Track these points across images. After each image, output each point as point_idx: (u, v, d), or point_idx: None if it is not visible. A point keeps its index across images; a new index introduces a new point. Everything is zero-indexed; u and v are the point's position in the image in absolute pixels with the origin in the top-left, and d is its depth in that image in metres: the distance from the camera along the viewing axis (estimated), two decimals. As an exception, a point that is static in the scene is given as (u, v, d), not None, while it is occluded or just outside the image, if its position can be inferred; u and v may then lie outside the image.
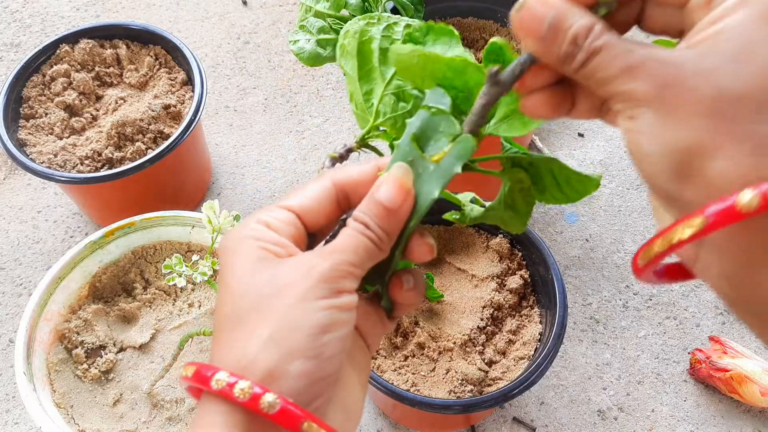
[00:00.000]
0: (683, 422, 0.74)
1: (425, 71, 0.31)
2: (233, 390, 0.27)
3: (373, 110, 0.35)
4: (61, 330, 0.67)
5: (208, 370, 0.28)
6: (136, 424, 0.64)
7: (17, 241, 0.88)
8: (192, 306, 0.71)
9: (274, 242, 0.30)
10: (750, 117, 0.24)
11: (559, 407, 0.76)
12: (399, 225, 0.31)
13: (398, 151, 0.31)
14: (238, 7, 1.13)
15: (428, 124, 0.31)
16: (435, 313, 0.68)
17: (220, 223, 0.59)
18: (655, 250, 0.27)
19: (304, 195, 0.31)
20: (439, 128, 0.31)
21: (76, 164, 0.79)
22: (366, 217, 0.30)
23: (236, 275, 0.29)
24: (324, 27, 0.78)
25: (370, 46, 0.35)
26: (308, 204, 0.31)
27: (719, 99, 0.24)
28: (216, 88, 1.03)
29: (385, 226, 0.30)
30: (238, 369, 0.27)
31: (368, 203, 0.30)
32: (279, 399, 0.27)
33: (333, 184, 0.31)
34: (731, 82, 0.24)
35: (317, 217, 0.31)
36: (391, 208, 0.30)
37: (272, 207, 0.31)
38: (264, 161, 0.95)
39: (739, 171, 0.24)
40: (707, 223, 0.24)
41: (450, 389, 0.62)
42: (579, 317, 0.82)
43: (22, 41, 1.09)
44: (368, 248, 0.30)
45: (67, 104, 0.83)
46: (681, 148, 0.25)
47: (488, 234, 0.72)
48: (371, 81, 0.35)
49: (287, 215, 0.30)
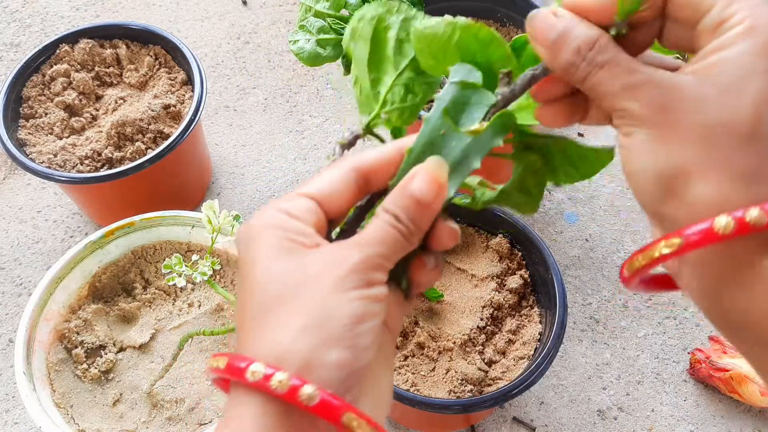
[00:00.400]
0: (683, 422, 0.74)
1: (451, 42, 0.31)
2: (270, 382, 0.26)
3: (380, 98, 0.35)
4: (61, 330, 0.67)
5: (242, 361, 0.27)
6: (136, 424, 0.64)
7: (17, 241, 0.88)
8: (192, 306, 0.71)
9: (298, 232, 0.29)
10: (735, 147, 0.26)
11: (559, 407, 0.76)
12: (430, 219, 0.30)
13: (428, 125, 0.31)
14: (238, 7, 1.13)
15: (458, 98, 0.31)
16: (435, 313, 0.68)
17: (219, 223, 0.59)
18: (637, 264, 0.28)
19: (325, 181, 0.30)
20: (470, 101, 0.31)
21: (75, 164, 0.79)
22: (397, 209, 0.29)
23: (262, 265, 0.28)
24: (324, 27, 0.78)
25: (386, 34, 0.34)
26: (329, 191, 0.30)
27: (709, 127, 0.26)
28: (216, 88, 1.03)
29: (416, 220, 0.30)
30: (273, 359, 0.27)
31: (400, 195, 0.30)
32: (318, 390, 0.26)
33: (353, 169, 0.31)
34: (722, 113, 0.26)
35: (338, 203, 0.30)
36: (424, 201, 0.29)
37: (292, 195, 0.30)
38: (264, 161, 0.95)
39: (719, 196, 0.26)
40: (684, 243, 0.26)
41: (450, 389, 0.62)
42: (579, 317, 0.82)
43: (22, 41, 1.09)
44: (399, 241, 0.29)
45: (67, 104, 0.83)
46: (668, 169, 0.27)
47: (488, 234, 0.72)
48: (381, 69, 0.35)
49: (308, 203, 0.30)
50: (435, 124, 0.31)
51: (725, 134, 0.26)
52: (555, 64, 0.29)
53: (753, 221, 0.25)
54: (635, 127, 0.27)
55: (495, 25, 0.89)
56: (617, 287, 0.84)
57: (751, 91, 0.26)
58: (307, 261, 0.28)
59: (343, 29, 0.78)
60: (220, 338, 0.68)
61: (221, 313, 0.70)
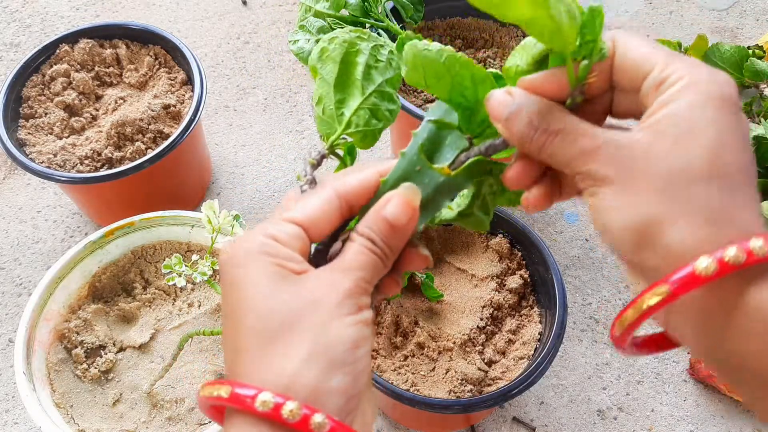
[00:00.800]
0: (683, 422, 0.74)
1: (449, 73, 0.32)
2: (281, 411, 0.26)
3: (344, 120, 0.36)
4: (60, 330, 0.67)
5: (248, 389, 0.27)
6: (136, 424, 0.64)
7: (17, 241, 0.88)
8: (192, 306, 0.71)
9: (287, 258, 0.29)
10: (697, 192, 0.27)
11: (559, 407, 0.76)
12: (403, 242, 0.32)
13: (404, 159, 0.32)
14: (238, 7, 1.13)
15: (434, 137, 0.33)
16: (435, 313, 0.68)
17: (219, 223, 0.59)
18: (629, 319, 0.29)
19: (310, 207, 0.31)
20: (445, 141, 0.33)
21: (75, 164, 0.79)
22: (372, 232, 0.31)
23: (257, 291, 0.29)
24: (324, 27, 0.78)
25: (356, 58, 0.36)
26: (314, 216, 0.31)
27: (669, 177, 0.27)
28: (216, 88, 1.03)
29: (390, 243, 0.31)
30: (280, 388, 0.27)
31: (375, 219, 0.31)
32: (327, 419, 0.26)
33: (336, 195, 0.31)
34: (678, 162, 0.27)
35: (323, 229, 0.31)
36: (398, 225, 0.31)
37: (277, 219, 0.31)
38: (264, 161, 0.95)
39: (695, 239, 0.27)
40: (671, 290, 0.27)
41: (450, 389, 0.62)
42: (579, 317, 0.82)
43: (22, 41, 1.09)
44: (377, 265, 0.30)
45: (67, 104, 0.83)
46: (639, 221, 0.28)
47: (488, 234, 0.72)
48: (348, 91, 0.36)
49: (295, 229, 0.30)
50: (411, 159, 0.32)
51: (684, 182, 0.27)
52: (512, 138, 0.30)
53: (732, 260, 0.26)
54: (599, 187, 0.29)
55: (495, 25, 0.89)
56: (617, 287, 0.84)
57: (703, 137, 0.27)
58: (303, 288, 0.29)
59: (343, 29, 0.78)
60: (219, 338, 0.68)
61: (221, 313, 0.70)
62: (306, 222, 0.31)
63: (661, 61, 0.28)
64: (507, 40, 0.88)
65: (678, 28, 1.09)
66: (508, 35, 0.88)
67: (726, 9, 1.12)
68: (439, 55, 0.32)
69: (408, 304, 0.68)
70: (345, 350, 0.28)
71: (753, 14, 1.11)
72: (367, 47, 0.36)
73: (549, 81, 0.30)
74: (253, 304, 0.29)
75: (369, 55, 0.35)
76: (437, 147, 0.33)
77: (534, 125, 0.30)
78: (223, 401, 0.28)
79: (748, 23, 1.10)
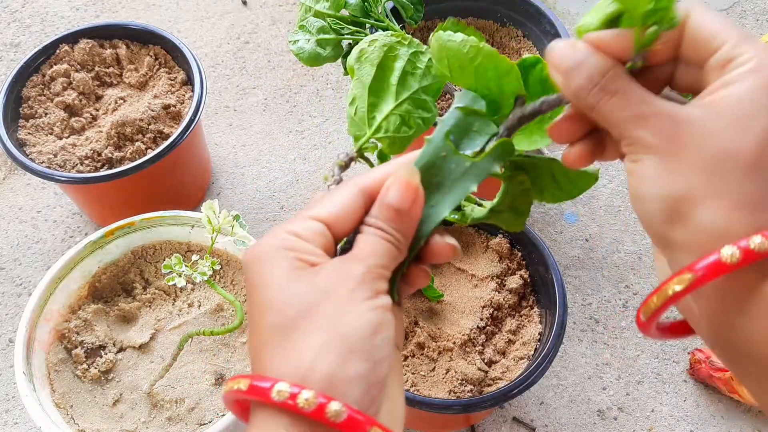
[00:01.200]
0: (683, 422, 0.74)
1: (472, 64, 0.32)
2: (297, 400, 0.26)
3: (375, 123, 0.36)
4: (60, 330, 0.67)
5: (265, 381, 0.27)
6: (136, 424, 0.64)
7: (17, 241, 0.88)
8: (192, 306, 0.71)
9: (308, 252, 0.30)
10: (740, 176, 0.27)
11: (559, 407, 0.76)
12: (413, 224, 0.31)
13: (430, 146, 0.32)
14: (238, 7, 1.13)
15: (462, 124, 0.32)
16: (435, 313, 0.68)
17: (219, 223, 0.59)
18: (654, 305, 0.29)
19: (333, 204, 0.31)
20: (472, 128, 0.32)
21: (75, 164, 0.79)
22: (379, 221, 0.30)
23: (275, 285, 0.29)
24: (324, 27, 0.78)
25: (393, 63, 0.36)
26: (337, 213, 0.31)
27: (715, 157, 0.27)
28: (216, 88, 1.03)
29: (399, 228, 0.31)
30: (297, 378, 0.27)
31: (379, 208, 0.31)
32: (344, 407, 0.26)
33: (360, 191, 0.31)
34: (728, 144, 0.27)
35: (347, 225, 0.31)
36: (402, 209, 0.30)
37: (301, 217, 0.31)
38: (264, 161, 0.95)
39: (723, 223, 0.27)
40: (696, 277, 0.27)
41: (450, 389, 0.62)
42: (579, 317, 0.82)
43: (22, 41, 1.09)
44: (390, 250, 0.30)
45: (67, 104, 0.83)
46: (675, 194, 0.28)
47: (488, 234, 0.72)
48: (381, 95, 0.36)
49: (317, 225, 0.30)
50: (437, 146, 0.32)
51: (730, 164, 0.27)
52: (569, 90, 0.30)
53: (757, 248, 0.26)
54: (644, 154, 0.29)
55: (495, 25, 0.89)
56: (617, 287, 0.84)
57: (756, 125, 0.27)
58: (318, 278, 0.29)
59: (343, 29, 0.78)
60: (219, 338, 0.68)
61: (221, 313, 0.70)
62: (329, 218, 0.31)
63: (733, 40, 0.28)
64: (507, 41, 0.88)
65: (678, 28, 1.09)
66: (508, 35, 0.88)
67: (726, 9, 1.12)
68: (463, 45, 0.31)
69: (408, 304, 0.68)
70: (362, 337, 0.28)
71: (753, 14, 1.11)
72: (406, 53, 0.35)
73: (614, 40, 0.30)
74: (271, 299, 0.29)
75: (407, 61, 0.35)
76: (465, 134, 0.33)
77: (594, 81, 0.29)
78: (242, 394, 0.28)
79: (748, 23, 1.10)
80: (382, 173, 0.32)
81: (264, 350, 0.28)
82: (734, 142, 0.27)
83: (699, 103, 0.28)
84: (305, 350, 0.27)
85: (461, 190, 0.32)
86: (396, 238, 0.30)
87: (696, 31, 0.29)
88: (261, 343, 0.29)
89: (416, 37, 0.87)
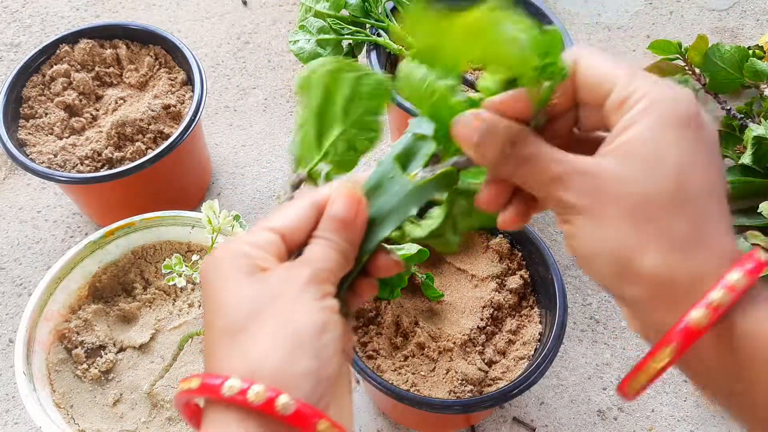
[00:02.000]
0: (683, 422, 0.74)
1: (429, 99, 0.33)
2: (247, 395, 0.27)
3: (323, 149, 0.37)
4: (61, 330, 0.67)
5: (216, 379, 0.28)
6: (136, 424, 0.64)
7: (17, 241, 0.88)
8: (192, 306, 0.71)
9: (261, 259, 0.31)
10: (665, 216, 0.27)
11: (559, 407, 0.76)
12: (358, 234, 0.33)
13: (380, 167, 0.34)
14: (238, 7, 1.13)
15: (410, 147, 0.34)
16: (435, 313, 0.68)
17: (219, 223, 0.59)
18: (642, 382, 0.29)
19: (286, 216, 0.33)
20: (421, 151, 0.34)
21: (76, 164, 0.79)
22: (326, 233, 0.32)
23: (227, 289, 0.30)
24: (324, 27, 0.78)
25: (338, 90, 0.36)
26: (290, 224, 0.32)
27: (637, 203, 0.27)
28: (216, 88, 1.03)
29: (345, 237, 0.32)
30: (248, 374, 0.28)
31: (326, 220, 0.32)
32: (293, 400, 0.27)
33: (311, 205, 0.33)
34: (644, 187, 0.27)
35: (299, 236, 0.33)
36: (347, 219, 0.32)
37: (256, 228, 0.32)
38: (264, 161, 0.95)
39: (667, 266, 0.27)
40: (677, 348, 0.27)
41: (450, 389, 0.62)
42: (579, 317, 0.82)
43: (22, 41, 1.09)
44: (336, 258, 0.32)
45: (67, 104, 0.83)
46: (612, 249, 0.28)
47: (488, 234, 0.72)
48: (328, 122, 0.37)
49: (271, 236, 0.32)
50: (386, 167, 0.34)
51: (653, 206, 0.27)
52: (483, 163, 0.31)
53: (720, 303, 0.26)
54: (572, 215, 0.29)
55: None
56: (617, 287, 0.84)
57: (667, 162, 0.27)
58: (268, 281, 0.30)
59: (343, 29, 0.78)
60: (220, 338, 0.68)
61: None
62: (282, 229, 0.32)
63: (622, 80, 0.28)
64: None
65: (678, 29, 1.09)
66: (508, 35, 0.88)
67: (726, 9, 1.12)
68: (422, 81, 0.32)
69: (408, 305, 0.68)
70: (310, 335, 0.29)
71: (753, 14, 1.11)
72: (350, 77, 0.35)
73: (515, 101, 0.30)
74: (223, 302, 0.30)
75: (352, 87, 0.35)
76: (411, 157, 0.34)
77: (504, 152, 0.30)
78: (194, 393, 0.29)
79: (749, 23, 1.10)
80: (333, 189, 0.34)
81: (216, 351, 0.29)
82: (652, 184, 0.27)
83: (608, 150, 0.29)
84: (255, 348, 0.28)
85: (403, 211, 0.34)
86: (342, 247, 0.32)
87: (586, 77, 0.30)
88: (213, 345, 0.30)
89: (416, 37, 0.87)
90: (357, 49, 0.80)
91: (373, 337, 0.66)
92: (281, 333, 0.28)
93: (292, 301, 0.29)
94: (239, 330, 0.29)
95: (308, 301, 0.30)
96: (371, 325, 0.67)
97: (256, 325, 0.29)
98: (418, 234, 0.35)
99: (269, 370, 0.28)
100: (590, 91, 0.30)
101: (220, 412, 0.28)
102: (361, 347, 0.65)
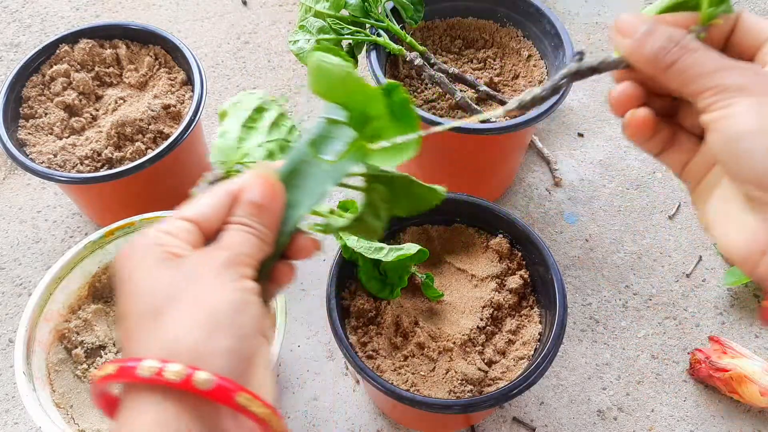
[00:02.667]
0: (683, 422, 0.74)
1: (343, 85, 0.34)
2: (164, 374, 0.27)
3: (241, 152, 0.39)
4: (60, 330, 0.67)
5: (133, 362, 0.28)
6: (136, 424, 0.64)
7: (17, 241, 0.88)
8: (192, 306, 0.71)
9: (175, 246, 0.31)
10: None
11: (559, 407, 0.76)
12: (276, 218, 0.33)
13: (294, 152, 0.35)
14: (238, 7, 1.13)
15: (324, 132, 0.36)
16: (435, 313, 0.68)
17: (219, 223, 0.59)
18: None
19: (201, 205, 0.33)
20: (334, 135, 0.35)
21: (75, 164, 0.79)
22: (243, 218, 0.32)
23: (142, 276, 0.30)
24: (324, 27, 0.78)
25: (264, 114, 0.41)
26: (204, 212, 0.33)
27: None
28: (216, 88, 1.03)
29: (262, 222, 0.33)
30: (165, 354, 0.28)
31: (242, 206, 0.33)
32: (212, 375, 0.27)
33: (226, 193, 0.33)
34: None
35: (214, 223, 0.33)
36: (263, 203, 0.33)
37: (171, 218, 0.33)
38: (264, 161, 0.95)
39: None
40: None
41: (450, 389, 0.62)
42: (579, 317, 0.82)
43: (22, 41, 1.09)
44: (254, 242, 0.32)
45: (67, 104, 0.83)
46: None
47: (488, 234, 0.72)
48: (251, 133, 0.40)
49: (185, 224, 0.32)
50: (300, 151, 0.35)
51: None
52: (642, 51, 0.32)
53: None
54: (738, 96, 0.30)
55: (495, 25, 0.89)
56: (617, 287, 0.84)
57: None
58: (184, 265, 0.30)
59: (343, 29, 0.78)
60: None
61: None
62: (196, 217, 0.32)
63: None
64: (507, 41, 0.88)
65: (678, 29, 1.09)
66: (508, 35, 0.88)
67: (726, 9, 1.12)
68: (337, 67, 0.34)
69: (408, 304, 0.68)
70: (227, 314, 0.29)
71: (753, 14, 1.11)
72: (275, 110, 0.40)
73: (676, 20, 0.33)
74: (140, 288, 0.30)
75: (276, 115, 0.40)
76: (326, 141, 0.35)
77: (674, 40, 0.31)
78: (111, 379, 0.28)
79: (748, 23, 1.10)
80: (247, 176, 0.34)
81: (133, 337, 0.29)
82: None
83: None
84: (172, 329, 0.28)
85: (320, 190, 0.34)
86: (260, 231, 0.32)
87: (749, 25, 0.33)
88: (130, 331, 0.30)
89: (416, 38, 0.87)
90: (357, 49, 0.80)
91: (372, 337, 0.66)
92: (198, 314, 0.29)
93: (209, 283, 0.29)
94: (156, 314, 0.29)
95: (225, 282, 0.30)
96: (371, 325, 0.67)
97: (173, 308, 0.29)
98: (341, 224, 0.36)
99: (186, 349, 0.28)
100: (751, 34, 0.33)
101: (137, 396, 0.28)
102: (361, 347, 0.65)
